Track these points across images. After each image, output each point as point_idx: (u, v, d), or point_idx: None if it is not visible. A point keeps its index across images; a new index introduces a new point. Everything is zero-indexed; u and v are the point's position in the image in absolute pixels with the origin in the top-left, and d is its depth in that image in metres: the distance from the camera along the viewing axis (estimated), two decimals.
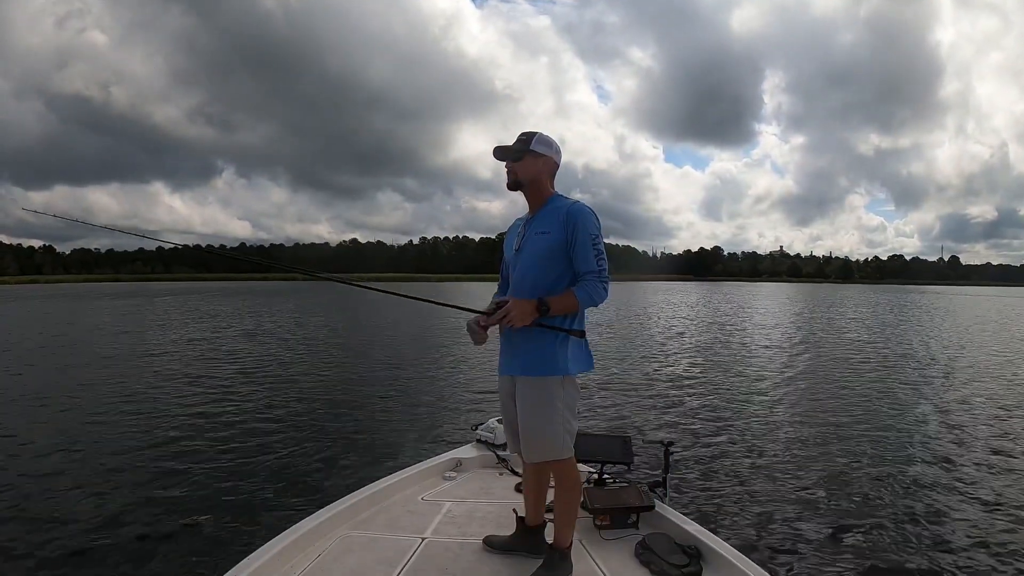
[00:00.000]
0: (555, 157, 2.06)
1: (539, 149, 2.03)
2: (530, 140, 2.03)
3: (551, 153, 2.05)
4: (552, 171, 2.08)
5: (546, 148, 2.04)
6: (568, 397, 1.97)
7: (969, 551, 3.35)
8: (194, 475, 4.45)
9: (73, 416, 6.35)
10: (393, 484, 2.66)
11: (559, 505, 2.04)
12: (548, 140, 2.05)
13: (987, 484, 4.42)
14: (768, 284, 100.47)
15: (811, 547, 3.40)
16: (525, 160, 2.02)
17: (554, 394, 1.95)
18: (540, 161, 2.03)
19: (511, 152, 2.05)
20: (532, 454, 2.01)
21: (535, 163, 2.03)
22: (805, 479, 4.54)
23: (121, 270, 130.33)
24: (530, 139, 2.03)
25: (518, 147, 2.04)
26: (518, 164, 2.03)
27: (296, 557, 2.02)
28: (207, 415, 6.34)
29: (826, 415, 6.64)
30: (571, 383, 1.98)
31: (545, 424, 1.95)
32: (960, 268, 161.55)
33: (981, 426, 6.20)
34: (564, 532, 2.02)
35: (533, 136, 2.04)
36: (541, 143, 2.03)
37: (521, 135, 2.06)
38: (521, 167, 2.03)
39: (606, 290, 1.94)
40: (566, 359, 1.95)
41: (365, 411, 6.70)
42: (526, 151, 2.02)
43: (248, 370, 9.41)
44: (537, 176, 2.03)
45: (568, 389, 1.97)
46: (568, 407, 1.97)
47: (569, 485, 2.02)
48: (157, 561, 3.16)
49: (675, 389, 8.06)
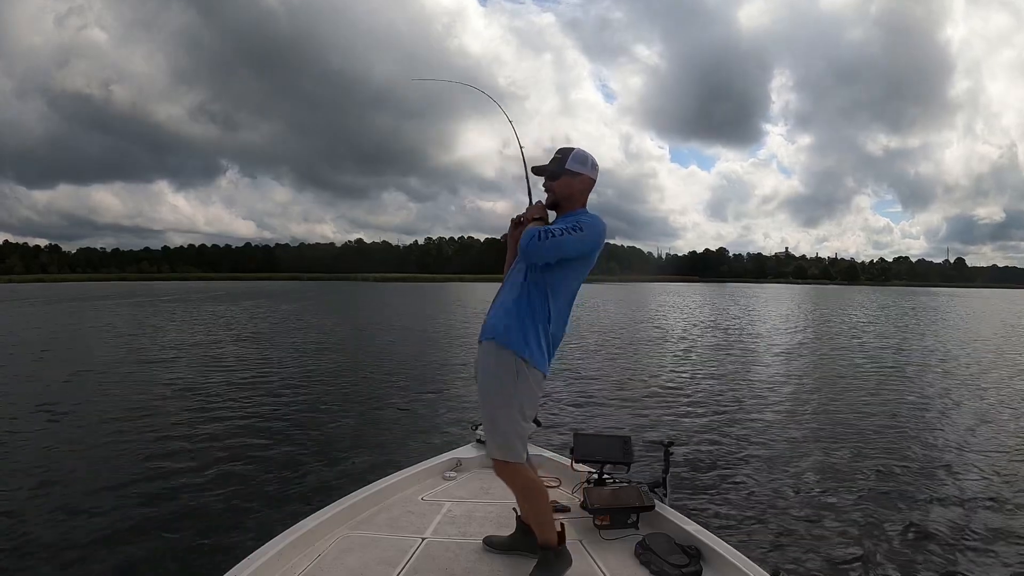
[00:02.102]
0: (591, 174, 2.03)
1: (575, 168, 1.99)
2: (566, 158, 1.99)
3: (587, 171, 2.01)
4: (587, 188, 2.04)
5: (581, 166, 2.00)
6: (518, 387, 1.86)
7: (970, 552, 3.33)
8: (194, 475, 4.46)
9: (73, 416, 6.38)
10: (393, 484, 2.66)
11: (523, 512, 2.01)
12: (584, 157, 2.01)
13: (990, 487, 4.40)
14: (773, 285, 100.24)
15: (811, 547, 3.39)
16: (562, 179, 2.00)
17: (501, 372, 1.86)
18: (577, 180, 2.00)
19: (547, 171, 2.02)
20: (489, 446, 1.95)
21: (571, 183, 2.00)
22: (805, 479, 4.53)
23: (127, 269, 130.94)
24: (566, 157, 2.00)
25: (553, 167, 2.01)
26: (556, 183, 2.00)
27: (296, 557, 2.01)
28: (207, 415, 6.37)
29: (826, 415, 6.62)
30: (528, 375, 1.87)
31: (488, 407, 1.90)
32: (965, 270, 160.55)
33: (982, 426, 6.17)
34: (543, 533, 1.96)
35: (570, 153, 2.00)
36: (577, 161, 2.00)
37: (557, 152, 2.03)
38: (558, 186, 2.00)
39: (536, 244, 1.83)
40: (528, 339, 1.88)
41: (365, 411, 6.71)
42: (562, 171, 1.99)
43: (248, 370, 9.44)
44: (573, 194, 2.00)
45: (520, 379, 1.86)
46: (518, 401, 1.86)
47: (520, 493, 1.97)
48: (157, 561, 3.17)
49: (675, 389, 8.04)
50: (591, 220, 1.94)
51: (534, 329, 1.89)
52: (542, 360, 1.90)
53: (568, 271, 1.93)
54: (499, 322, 1.91)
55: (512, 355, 1.85)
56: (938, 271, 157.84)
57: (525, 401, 1.87)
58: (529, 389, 1.87)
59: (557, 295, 1.92)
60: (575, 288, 1.98)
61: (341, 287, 59.86)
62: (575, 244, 1.86)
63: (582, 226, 1.88)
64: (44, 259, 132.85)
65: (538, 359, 1.88)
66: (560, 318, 1.95)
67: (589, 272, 2.01)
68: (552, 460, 3.02)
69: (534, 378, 1.88)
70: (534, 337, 1.88)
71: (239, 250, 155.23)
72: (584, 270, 1.97)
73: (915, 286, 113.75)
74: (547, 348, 1.92)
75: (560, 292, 1.93)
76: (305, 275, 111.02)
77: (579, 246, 1.88)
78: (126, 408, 6.66)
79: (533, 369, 1.87)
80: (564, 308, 1.96)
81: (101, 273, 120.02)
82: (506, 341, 1.87)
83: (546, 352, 1.92)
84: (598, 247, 1.94)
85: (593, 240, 1.91)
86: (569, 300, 1.98)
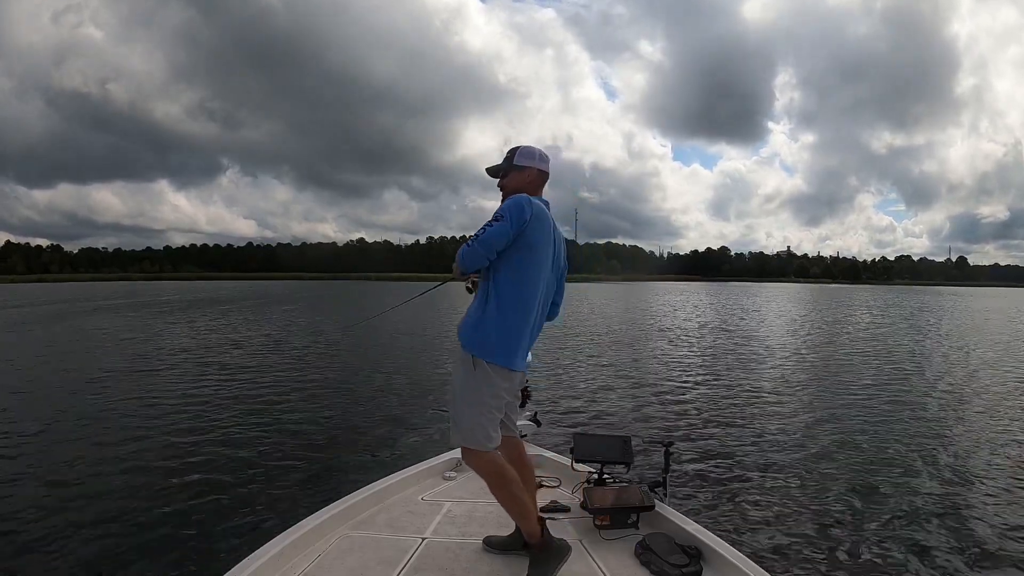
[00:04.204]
0: (539, 166, 2.11)
1: (522, 162, 2.09)
2: (513, 155, 2.10)
3: (535, 163, 2.10)
4: (538, 180, 2.12)
5: (529, 160, 2.10)
6: (476, 381, 1.93)
7: (970, 551, 3.33)
8: (194, 475, 4.47)
9: (74, 418, 6.39)
10: (393, 484, 2.66)
11: (499, 501, 2.02)
12: (530, 151, 2.11)
13: (993, 488, 4.38)
14: (775, 284, 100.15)
15: (811, 547, 3.39)
16: (511, 175, 2.10)
17: (463, 370, 1.95)
18: (525, 173, 2.09)
19: (498, 170, 2.13)
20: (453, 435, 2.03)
21: (520, 176, 2.09)
22: (805, 479, 4.52)
23: (129, 269, 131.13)
24: (513, 154, 2.10)
25: (503, 164, 2.12)
26: (506, 180, 2.11)
27: (296, 557, 2.02)
28: (207, 416, 6.37)
29: (826, 415, 6.61)
30: (487, 369, 1.92)
31: (451, 401, 2.01)
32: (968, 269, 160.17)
33: (982, 426, 6.16)
34: (522, 524, 1.99)
35: (517, 150, 2.11)
36: (523, 155, 2.10)
37: (508, 151, 2.13)
38: (509, 183, 2.10)
39: (465, 252, 1.93)
40: (478, 337, 1.94)
41: (365, 411, 6.72)
42: (511, 167, 2.10)
43: (248, 371, 9.45)
44: (523, 188, 2.07)
45: (479, 374, 1.92)
46: (478, 394, 1.93)
47: (487, 480, 1.99)
48: (157, 561, 3.17)
49: (675, 389, 8.04)
50: (510, 203, 1.95)
51: (493, 326, 1.94)
52: (503, 355, 1.94)
53: (516, 260, 1.95)
54: (462, 325, 2.01)
55: (468, 354, 1.94)
56: (940, 270, 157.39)
57: (485, 393, 1.94)
58: (489, 382, 1.93)
59: (513, 286, 1.95)
60: (534, 276, 1.97)
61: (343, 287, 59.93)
62: (499, 233, 1.90)
63: (502, 213, 1.93)
64: (46, 259, 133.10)
65: (497, 354, 1.93)
66: (523, 308, 1.96)
67: (547, 256, 2.00)
68: (552, 460, 3.03)
69: (494, 371, 1.93)
70: (493, 334, 1.93)
71: (241, 249, 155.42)
72: (532, 255, 1.96)
73: (917, 285, 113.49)
74: (511, 341, 1.95)
75: (516, 282, 1.95)
76: (307, 275, 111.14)
77: (503, 232, 1.90)
78: (126, 410, 6.68)
79: (491, 364, 1.93)
80: (526, 298, 1.97)
81: (103, 273, 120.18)
82: (464, 341, 1.97)
83: (509, 345, 1.95)
84: (524, 224, 1.92)
85: (515, 221, 1.91)
86: (530, 288, 1.97)
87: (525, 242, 1.94)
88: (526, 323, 1.98)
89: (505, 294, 1.95)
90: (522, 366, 2.04)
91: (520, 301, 1.96)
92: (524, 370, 2.09)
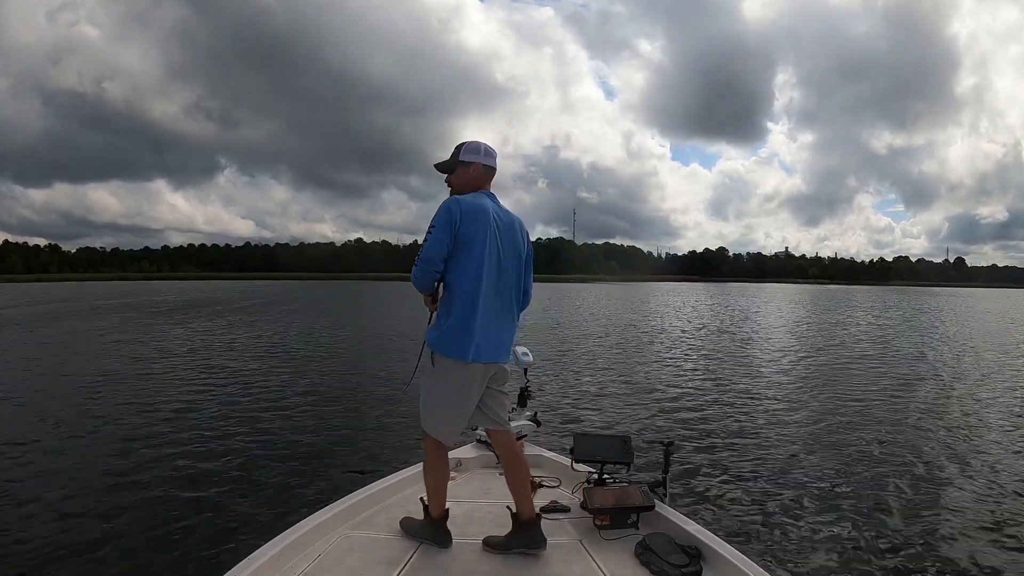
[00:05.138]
0: (483, 162, 2.17)
1: (467, 158, 2.16)
2: (459, 151, 2.17)
3: (479, 159, 2.16)
4: (483, 175, 2.18)
5: (474, 155, 2.16)
6: (435, 375, 2.09)
7: (971, 551, 3.34)
8: (194, 476, 4.47)
9: (73, 418, 6.38)
10: (393, 484, 2.66)
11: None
12: (475, 147, 2.17)
13: (993, 488, 4.40)
14: (773, 285, 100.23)
15: (811, 547, 3.39)
16: (457, 171, 2.18)
17: (427, 366, 2.11)
18: (470, 169, 2.16)
19: (445, 166, 2.20)
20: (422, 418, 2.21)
21: (465, 173, 2.16)
22: (805, 479, 4.53)
23: (127, 269, 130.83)
24: (459, 150, 2.17)
25: (450, 160, 2.19)
26: (452, 176, 2.19)
27: (296, 557, 2.02)
28: (207, 416, 6.37)
29: (826, 415, 6.62)
30: (443, 364, 2.06)
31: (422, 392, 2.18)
32: (965, 270, 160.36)
33: (982, 427, 6.18)
34: (431, 509, 2.20)
35: (463, 146, 2.17)
36: (468, 151, 2.16)
37: (456, 147, 2.19)
38: (454, 179, 2.18)
39: (416, 276, 2.07)
40: (435, 336, 2.08)
41: (365, 411, 6.72)
42: (457, 163, 2.17)
43: (248, 371, 9.45)
44: (469, 183, 2.16)
45: (437, 369, 2.08)
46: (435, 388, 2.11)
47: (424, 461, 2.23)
48: (158, 561, 3.17)
49: (676, 389, 8.04)
50: (438, 210, 2.05)
51: (445, 323, 2.07)
52: (455, 348, 2.05)
53: (456, 259, 2.05)
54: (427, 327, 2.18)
55: (428, 351, 2.11)
56: (938, 271, 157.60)
57: (445, 386, 2.10)
58: (446, 375, 2.08)
59: (458, 283, 2.05)
60: (474, 271, 2.04)
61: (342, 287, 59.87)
62: (434, 244, 2.02)
63: (432, 223, 2.04)
64: (45, 259, 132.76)
65: (450, 349, 2.06)
66: (469, 302, 2.04)
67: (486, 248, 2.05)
68: (552, 460, 3.03)
69: (450, 364, 2.06)
70: (446, 331, 2.06)
71: (239, 249, 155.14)
72: (469, 251, 2.04)
73: (914, 286, 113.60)
74: (461, 335, 2.04)
75: (459, 280, 2.05)
76: (305, 274, 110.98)
77: (438, 241, 2.02)
78: (125, 410, 6.67)
79: (445, 358, 2.06)
80: (470, 292, 2.04)
81: (102, 273, 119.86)
82: (426, 340, 2.13)
83: (460, 339, 2.04)
84: (455, 225, 2.02)
85: (445, 226, 2.01)
86: (472, 283, 2.05)
87: (460, 241, 2.03)
88: (474, 315, 2.05)
89: (452, 292, 2.07)
90: (483, 358, 2.08)
91: (464, 296, 2.04)
92: (485, 361, 2.11)
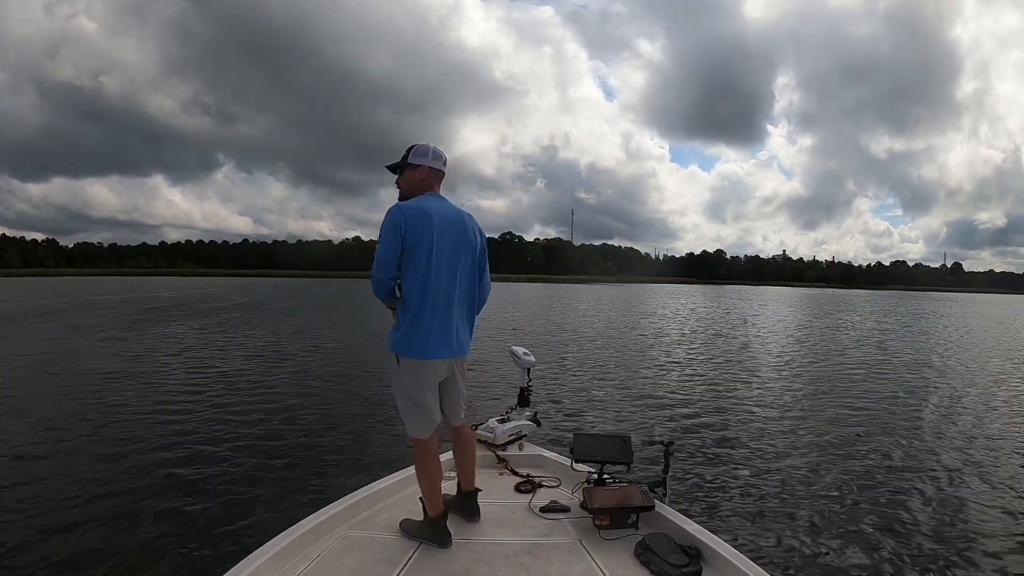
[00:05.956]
0: (431, 164, 2.20)
1: (415, 160, 2.19)
2: (408, 154, 2.20)
3: (427, 161, 2.19)
4: (430, 177, 2.21)
5: (422, 158, 2.19)
6: (399, 376, 2.15)
7: (970, 552, 3.35)
8: (194, 476, 4.46)
9: (70, 419, 6.36)
10: (392, 484, 2.66)
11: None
12: (424, 149, 2.20)
13: (993, 489, 4.42)
14: (770, 288, 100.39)
15: (811, 547, 3.40)
16: (405, 173, 2.21)
17: (392, 369, 2.18)
18: (417, 172, 2.19)
19: (395, 168, 2.24)
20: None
21: (413, 175, 2.20)
22: (805, 479, 4.54)
23: (124, 264, 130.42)
24: (408, 152, 2.20)
25: (399, 162, 2.22)
26: (400, 178, 2.22)
27: (296, 557, 2.01)
28: (207, 416, 6.36)
29: (826, 416, 6.64)
30: (404, 364, 2.14)
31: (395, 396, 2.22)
32: (962, 275, 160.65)
33: (981, 427, 6.20)
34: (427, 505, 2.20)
35: (412, 148, 2.21)
36: (417, 154, 2.19)
37: (406, 149, 2.23)
38: (403, 181, 2.22)
39: (374, 288, 2.15)
40: (395, 338, 2.15)
41: (365, 411, 6.71)
42: (405, 165, 2.20)
43: (248, 371, 9.45)
44: (416, 186, 2.19)
45: (400, 369, 2.15)
46: (401, 388, 2.16)
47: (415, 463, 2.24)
48: (158, 562, 3.17)
49: (675, 389, 8.06)
50: (384, 219, 2.11)
51: (401, 325, 2.14)
52: (414, 348, 2.12)
53: (404, 264, 2.12)
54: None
55: (392, 353, 2.17)
56: (935, 275, 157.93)
57: (408, 385, 2.15)
58: (409, 374, 2.14)
59: (409, 285, 2.12)
60: (421, 273, 2.10)
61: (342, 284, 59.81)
62: (383, 255, 2.10)
63: (380, 234, 2.11)
64: (42, 253, 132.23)
65: (410, 348, 2.13)
66: (420, 302, 2.10)
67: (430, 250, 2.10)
68: (552, 460, 3.03)
69: (410, 363, 2.14)
70: (403, 333, 2.13)
71: (237, 246, 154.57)
72: (415, 254, 2.09)
73: (911, 290, 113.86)
74: (416, 334, 2.11)
75: (410, 282, 2.12)
76: (303, 272, 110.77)
77: (386, 251, 2.09)
78: (125, 411, 6.66)
79: (406, 358, 2.14)
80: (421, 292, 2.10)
81: (100, 268, 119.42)
82: (390, 343, 2.18)
83: (416, 338, 2.12)
84: (397, 232, 2.08)
85: (390, 237, 2.08)
86: (420, 283, 2.10)
87: (406, 247, 2.09)
88: (425, 314, 2.11)
89: (405, 295, 2.13)
90: (440, 354, 2.15)
91: (416, 295, 2.10)
92: (444, 357, 2.17)
